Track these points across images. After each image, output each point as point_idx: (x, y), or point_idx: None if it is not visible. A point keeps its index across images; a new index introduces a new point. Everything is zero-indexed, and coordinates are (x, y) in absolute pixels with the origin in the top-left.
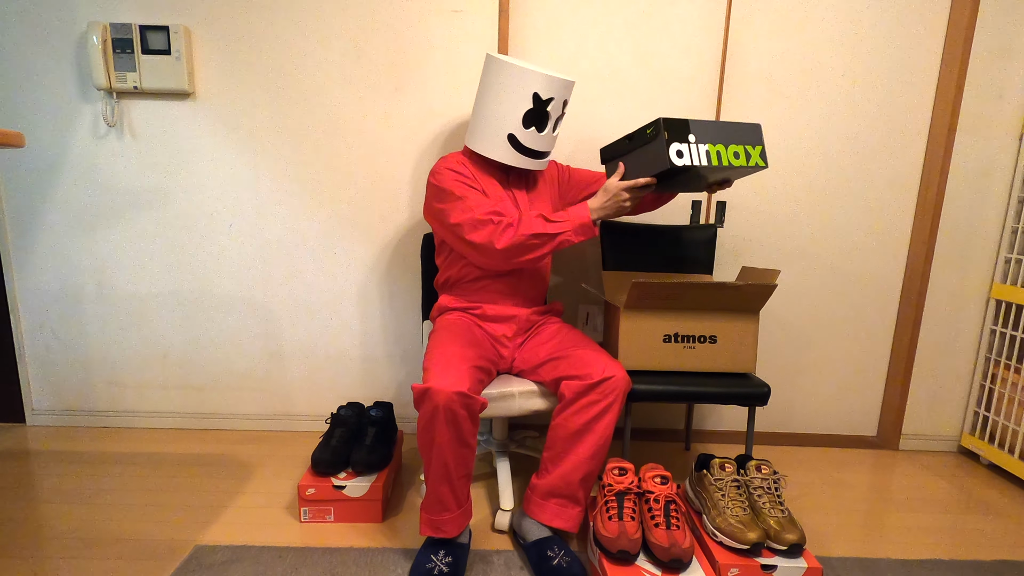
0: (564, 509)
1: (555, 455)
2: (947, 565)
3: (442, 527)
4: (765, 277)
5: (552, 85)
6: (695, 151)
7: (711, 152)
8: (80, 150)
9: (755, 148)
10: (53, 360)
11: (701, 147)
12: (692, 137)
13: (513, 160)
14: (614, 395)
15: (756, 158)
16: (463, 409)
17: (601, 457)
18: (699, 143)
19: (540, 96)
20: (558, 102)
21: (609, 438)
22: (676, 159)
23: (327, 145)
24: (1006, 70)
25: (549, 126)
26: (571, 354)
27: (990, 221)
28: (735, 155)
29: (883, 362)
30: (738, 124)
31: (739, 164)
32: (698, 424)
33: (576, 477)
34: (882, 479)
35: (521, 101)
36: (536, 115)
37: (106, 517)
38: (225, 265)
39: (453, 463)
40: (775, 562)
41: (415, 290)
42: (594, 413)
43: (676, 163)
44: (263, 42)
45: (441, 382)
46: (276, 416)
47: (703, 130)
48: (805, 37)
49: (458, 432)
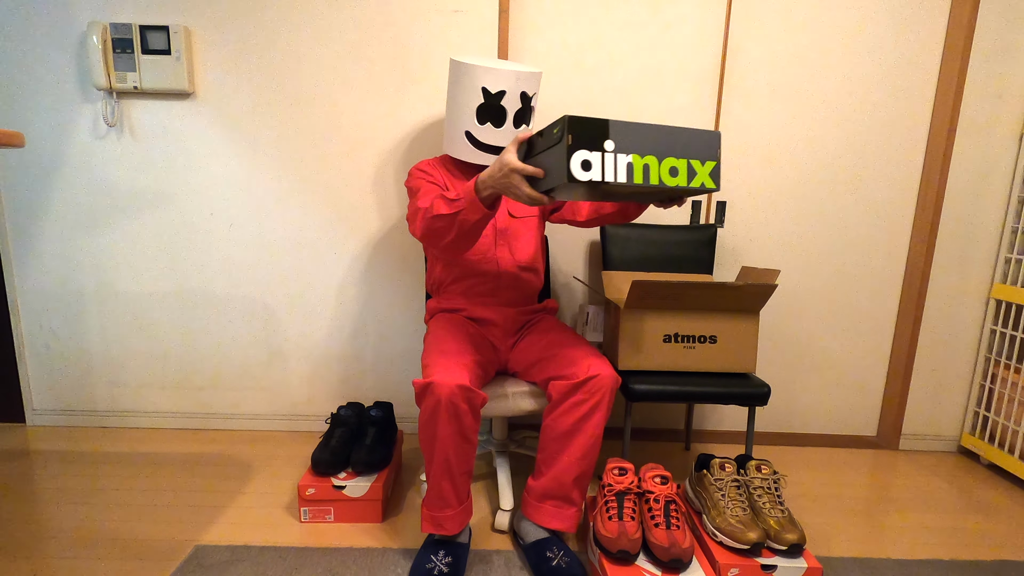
0: (560, 510)
1: (547, 457)
2: (947, 565)
3: (444, 524)
4: (765, 277)
5: (498, 77)
6: (611, 163)
7: (635, 165)
8: (80, 150)
9: (705, 164)
10: (53, 360)
11: (621, 158)
12: (610, 144)
13: (473, 157)
14: (600, 394)
15: (704, 177)
16: (465, 403)
17: (592, 457)
18: (619, 152)
19: (489, 90)
20: (512, 95)
21: (599, 437)
22: (579, 172)
23: (327, 145)
24: (1006, 70)
25: (508, 121)
26: (558, 353)
27: (990, 221)
28: (671, 172)
29: (883, 362)
30: (687, 131)
31: (674, 183)
32: (698, 424)
33: (569, 478)
34: (882, 479)
35: (472, 97)
36: (489, 110)
37: (106, 517)
38: (225, 265)
39: (455, 459)
40: (775, 562)
41: (415, 290)
42: (582, 413)
43: (577, 176)
44: (263, 42)
45: (443, 376)
46: (276, 416)
47: (628, 135)
48: (805, 37)
49: (460, 427)
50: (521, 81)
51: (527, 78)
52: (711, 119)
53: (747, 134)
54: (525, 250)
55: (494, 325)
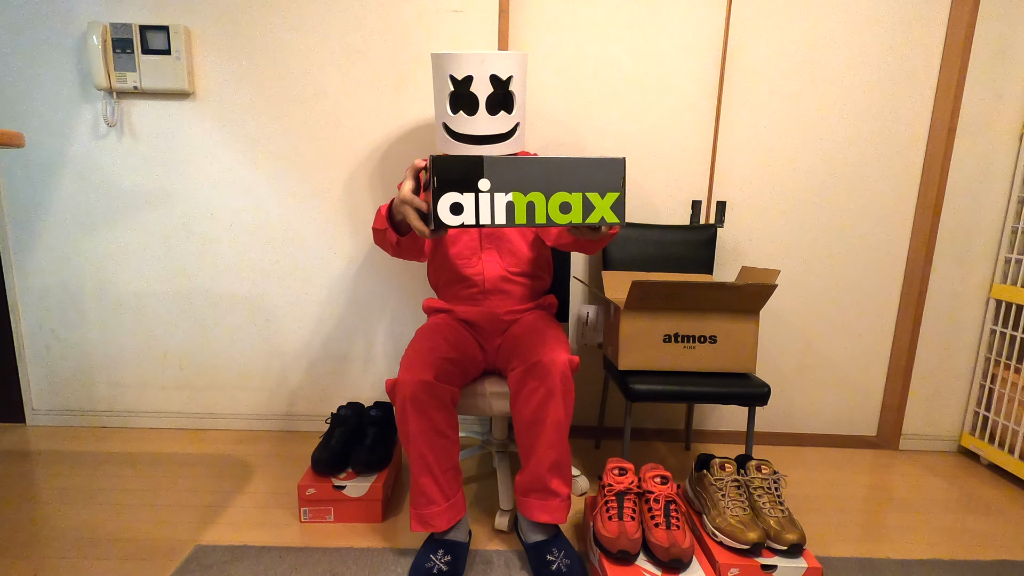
0: (544, 502)
1: (522, 449)
2: (947, 565)
3: (430, 521)
4: (765, 277)
5: (461, 62)
6: (486, 204)
7: (515, 205)
8: (80, 150)
9: (605, 197)
10: (53, 360)
11: (499, 197)
12: (484, 183)
13: (452, 149)
14: (552, 379)
15: (603, 211)
16: (431, 398)
17: (561, 443)
18: (496, 191)
19: (455, 77)
20: (481, 79)
21: (561, 423)
22: (447, 216)
23: (327, 145)
24: (1006, 70)
25: (482, 108)
26: (521, 344)
27: (990, 221)
28: (562, 207)
29: (883, 362)
30: (584, 161)
31: (566, 220)
32: (698, 424)
33: (542, 469)
34: (882, 479)
35: (443, 87)
36: (459, 98)
37: (106, 517)
38: (225, 265)
39: (431, 454)
40: (775, 562)
41: (415, 289)
42: (538, 400)
43: (446, 221)
44: (263, 42)
45: (407, 374)
46: (276, 416)
47: (507, 172)
48: (805, 37)
49: (431, 422)
50: (487, 64)
51: (494, 60)
52: (711, 119)
53: (747, 134)
54: (516, 256)
55: (480, 328)
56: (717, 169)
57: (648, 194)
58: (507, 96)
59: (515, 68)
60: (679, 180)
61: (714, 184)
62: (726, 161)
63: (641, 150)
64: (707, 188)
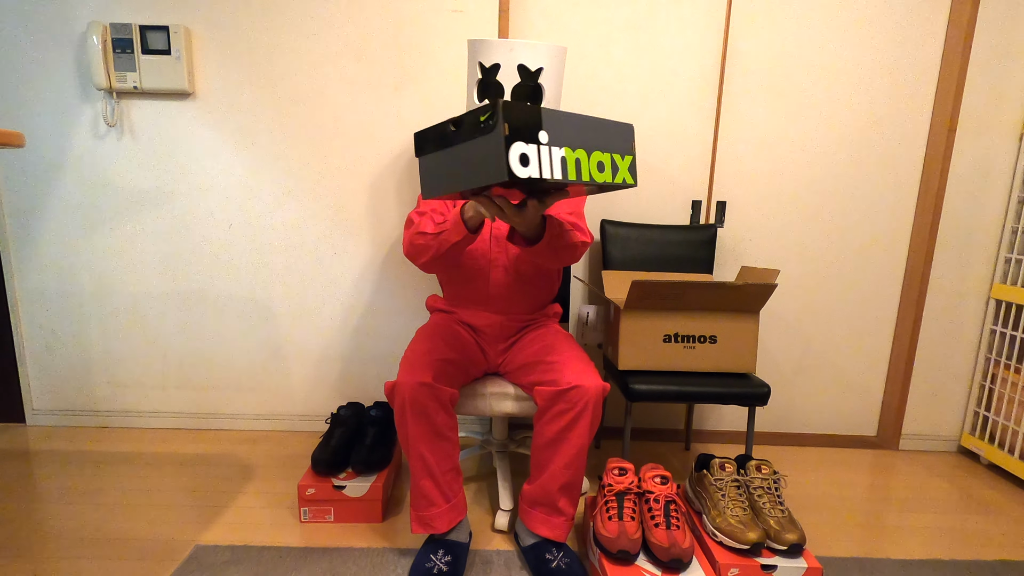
0: (548, 518)
1: (537, 463)
2: (947, 565)
3: (430, 522)
4: (765, 277)
5: (491, 49)
6: (547, 156)
7: (568, 160)
8: (80, 150)
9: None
10: (53, 360)
11: (555, 151)
12: (544, 136)
13: None
14: (583, 404)
15: (624, 172)
16: (431, 400)
17: (578, 466)
18: (552, 145)
19: (483, 64)
20: (508, 68)
21: (583, 447)
22: (519, 167)
23: (327, 145)
24: (1006, 70)
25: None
26: (546, 359)
27: (990, 221)
28: (599, 166)
29: (883, 362)
30: (606, 122)
31: (602, 180)
32: (698, 424)
33: (554, 487)
34: (882, 479)
35: (473, 74)
36: (486, 86)
37: (106, 517)
38: (225, 265)
39: (432, 456)
40: (775, 562)
41: (415, 289)
42: (565, 422)
43: (518, 174)
44: (263, 42)
45: (406, 376)
46: (276, 416)
47: (560, 126)
48: (805, 37)
49: (431, 424)
50: (516, 52)
51: (523, 49)
52: (711, 119)
53: (747, 134)
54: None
55: (483, 331)
56: (717, 169)
57: (648, 194)
58: (537, 89)
59: (547, 60)
60: (679, 180)
61: (714, 184)
62: (726, 161)
63: (641, 150)
64: (707, 188)
